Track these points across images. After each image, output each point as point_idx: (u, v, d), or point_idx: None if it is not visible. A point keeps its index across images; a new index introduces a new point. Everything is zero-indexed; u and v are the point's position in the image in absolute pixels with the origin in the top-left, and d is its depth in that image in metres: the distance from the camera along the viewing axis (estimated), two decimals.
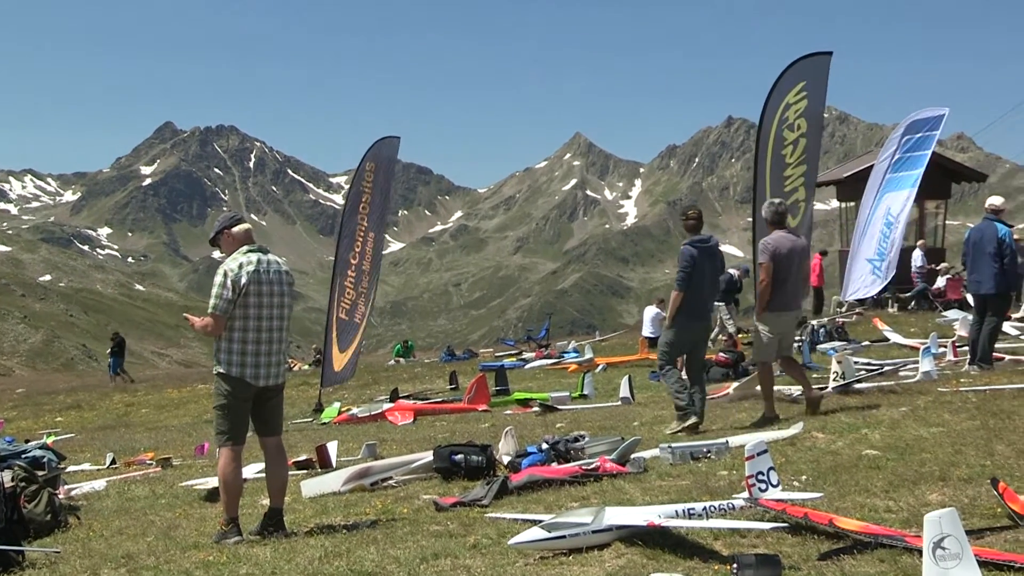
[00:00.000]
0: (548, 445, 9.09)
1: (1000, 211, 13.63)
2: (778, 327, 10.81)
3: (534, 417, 14.26)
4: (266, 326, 7.25)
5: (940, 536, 4.38)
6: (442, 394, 19.57)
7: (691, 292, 10.61)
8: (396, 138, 20.56)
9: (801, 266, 10.89)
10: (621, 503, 6.92)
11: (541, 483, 8.00)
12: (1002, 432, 8.16)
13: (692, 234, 10.86)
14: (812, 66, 17.25)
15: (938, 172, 27.68)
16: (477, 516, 7.08)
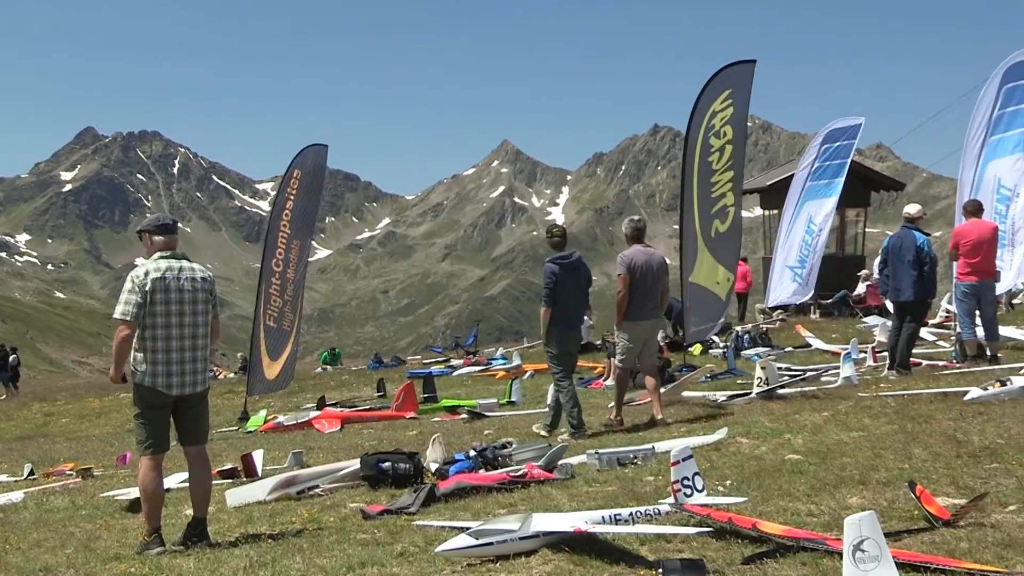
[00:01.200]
0: (476, 452, 9.10)
1: (917, 219, 13.92)
2: (636, 335, 11.51)
3: (462, 424, 14.26)
4: (177, 334, 7.14)
5: (860, 539, 4.46)
6: (369, 402, 19.50)
7: (558, 306, 11.18)
8: (324, 146, 20.43)
9: (658, 279, 11.47)
10: (548, 509, 6.94)
11: (469, 490, 7.99)
12: (919, 436, 8.33)
13: (557, 251, 11.42)
14: (737, 74, 17.49)
15: (858, 181, 28.24)
16: (404, 524, 7.06)
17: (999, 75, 16.13)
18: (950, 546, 5.33)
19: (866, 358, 15.55)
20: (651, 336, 11.93)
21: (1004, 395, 9.69)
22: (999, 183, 15.99)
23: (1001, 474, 6.78)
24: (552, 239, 11.60)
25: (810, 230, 22.30)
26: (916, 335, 14.40)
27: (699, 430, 10.22)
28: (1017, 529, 5.52)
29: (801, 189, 22.61)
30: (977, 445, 7.72)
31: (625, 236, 11.80)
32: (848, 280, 27.13)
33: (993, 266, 14.09)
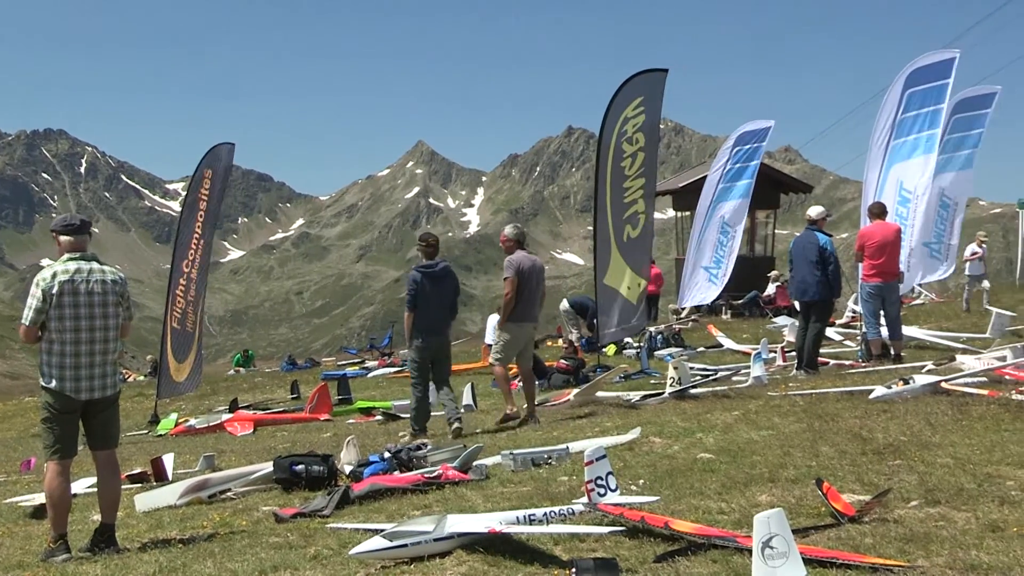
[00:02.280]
0: (390, 454, 9.06)
1: (819, 221, 14.20)
2: (518, 336, 12.10)
3: (377, 426, 14.21)
4: (86, 338, 7.00)
5: (768, 536, 4.53)
6: (283, 404, 19.31)
7: (420, 312, 11.83)
8: (231, 144, 20.19)
9: (539, 283, 12.13)
10: (463, 510, 6.94)
11: (383, 492, 7.97)
12: (826, 434, 8.49)
13: (427, 259, 12.07)
14: (648, 82, 17.70)
15: (767, 183, 28.76)
16: (318, 527, 7.01)
17: (902, 80, 16.56)
18: (855, 541, 5.44)
19: (776, 358, 15.81)
20: (530, 338, 12.63)
21: (907, 393, 9.93)
22: (901, 186, 16.40)
23: (904, 470, 6.95)
24: (425, 248, 12.20)
25: (724, 231, 22.62)
26: (822, 335, 14.69)
27: (613, 430, 10.29)
28: (919, 524, 5.66)
29: (714, 191, 22.94)
30: (881, 442, 7.90)
31: (509, 241, 12.32)
32: (758, 281, 27.57)
33: (897, 267, 14.43)
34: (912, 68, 16.61)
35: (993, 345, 14.21)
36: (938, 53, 16.81)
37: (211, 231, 19.69)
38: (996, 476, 6.58)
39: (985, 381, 10.44)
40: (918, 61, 16.73)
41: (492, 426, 12.12)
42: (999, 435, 7.79)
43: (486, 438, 10.94)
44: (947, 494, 6.22)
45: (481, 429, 12.03)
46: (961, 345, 15.32)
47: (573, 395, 13.53)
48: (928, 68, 16.54)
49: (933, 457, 7.25)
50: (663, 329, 22.33)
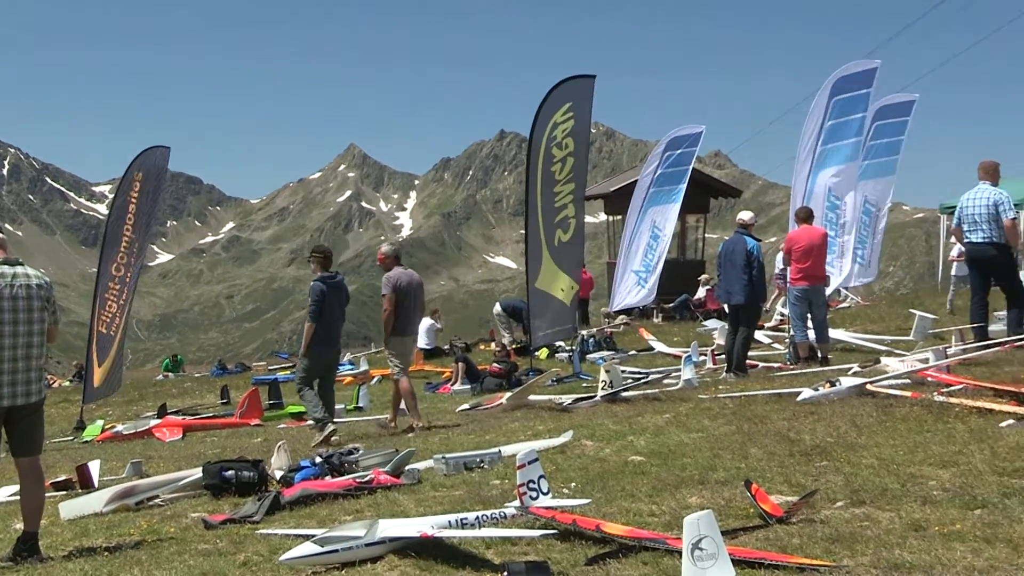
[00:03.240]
0: (322, 459, 9.01)
1: (749, 225, 14.39)
2: (403, 349, 12.59)
3: (308, 431, 14.09)
4: (9, 344, 6.85)
5: (698, 537, 4.58)
6: (213, 409, 19.09)
7: (321, 323, 12.10)
8: (166, 148, 19.94)
9: (417, 298, 12.63)
10: (395, 515, 6.92)
11: (314, 497, 7.92)
12: (755, 436, 8.60)
13: (322, 270, 12.36)
14: (577, 87, 17.84)
15: (698, 187, 29.03)
16: (248, 533, 6.95)
17: (828, 88, 16.88)
18: (783, 542, 5.52)
19: (706, 361, 15.97)
20: (411, 348, 13.20)
21: (833, 395, 10.08)
22: (829, 191, 16.69)
23: (830, 471, 7.06)
24: (317, 258, 12.59)
25: (655, 235, 22.80)
26: (751, 338, 14.87)
27: (545, 433, 10.33)
28: (844, 524, 5.75)
29: (645, 195, 23.11)
30: (808, 444, 8.02)
31: (386, 258, 12.67)
32: (689, 284, 27.80)
33: (823, 271, 14.66)
34: (837, 77, 16.94)
35: (916, 348, 14.48)
36: (861, 63, 17.18)
37: (144, 234, 19.43)
38: (919, 476, 6.71)
39: (908, 383, 10.62)
40: (842, 70, 17.06)
41: (423, 430, 12.10)
42: (922, 436, 7.94)
43: (418, 442, 10.92)
44: (872, 494, 6.33)
45: (413, 433, 11.99)
46: (885, 348, 15.58)
47: (506, 399, 13.56)
48: (852, 77, 16.89)
49: (858, 458, 7.37)
50: (595, 333, 22.44)
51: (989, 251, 13.02)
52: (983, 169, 13.35)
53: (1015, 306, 13.26)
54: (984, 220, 12.94)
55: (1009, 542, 5.18)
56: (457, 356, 19.51)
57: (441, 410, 14.62)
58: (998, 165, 13.44)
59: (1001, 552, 5.06)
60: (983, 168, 13.36)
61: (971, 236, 13.17)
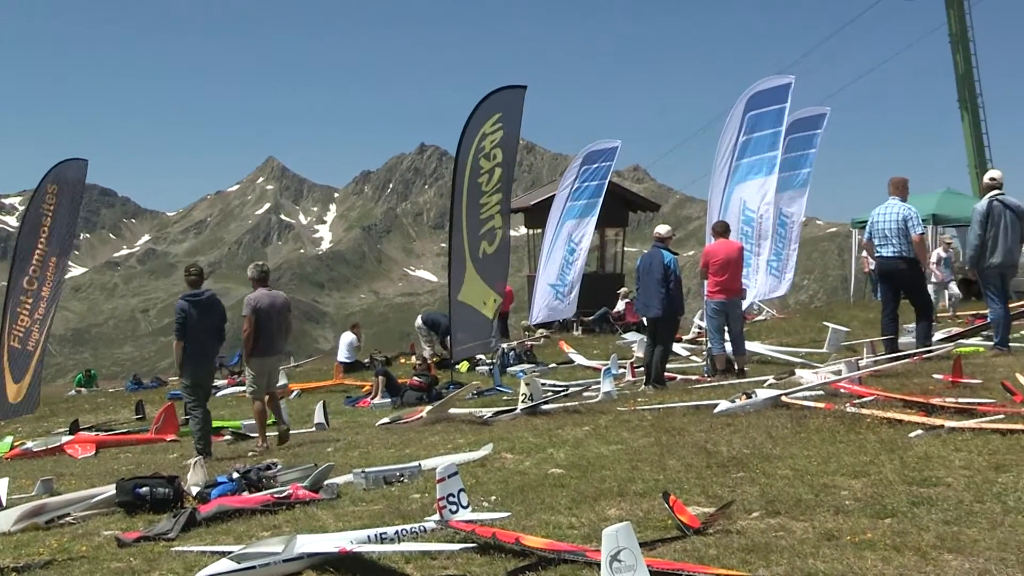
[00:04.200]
0: (239, 474, 8.90)
1: (666, 239, 14.56)
2: (263, 369, 12.80)
3: (225, 446, 13.92)
4: None
5: (616, 549, 4.61)
6: (127, 424, 18.72)
7: (190, 340, 12.32)
8: (83, 161, 19.53)
9: (281, 318, 12.88)
10: (313, 530, 6.87)
11: (231, 513, 7.82)
12: (673, 448, 8.69)
13: (193, 288, 12.57)
14: (507, 98, 17.88)
15: (616, 201, 29.30)
16: (163, 550, 6.84)
17: (743, 103, 17.15)
18: (700, 553, 5.58)
19: (625, 373, 16.08)
20: (274, 368, 13.33)
21: (750, 407, 10.23)
22: (745, 205, 16.94)
23: (747, 482, 7.16)
24: (189, 277, 12.80)
25: (571, 249, 22.93)
26: (669, 351, 15.03)
27: (465, 447, 10.33)
28: (760, 534, 5.84)
29: (562, 209, 23.24)
30: (725, 455, 8.13)
31: (251, 279, 13.04)
32: (608, 297, 28.00)
33: (739, 284, 14.87)
34: (752, 92, 17.22)
35: (829, 360, 14.74)
36: (775, 79, 17.48)
37: (60, 248, 19.01)
38: (832, 486, 6.84)
39: (822, 395, 10.82)
40: (757, 85, 17.35)
41: (343, 444, 12.02)
42: (835, 446, 8.09)
43: (337, 456, 10.84)
44: (786, 505, 6.43)
45: (333, 447, 11.91)
46: (800, 360, 15.84)
47: (426, 412, 13.52)
48: (766, 92, 17.17)
49: (774, 469, 7.49)
50: (515, 346, 22.47)
51: (899, 265, 13.35)
52: (893, 185, 13.69)
53: (923, 318, 13.62)
54: (894, 235, 13.26)
55: (917, 550, 5.30)
56: (377, 370, 19.40)
57: (361, 424, 14.54)
58: (907, 181, 13.80)
59: (910, 560, 5.18)
60: (893, 184, 13.70)
61: (881, 250, 13.49)
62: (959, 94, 44.67)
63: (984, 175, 14.59)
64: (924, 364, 12.40)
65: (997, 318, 13.45)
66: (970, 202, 26.19)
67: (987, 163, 41.12)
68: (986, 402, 9.52)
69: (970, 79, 44.14)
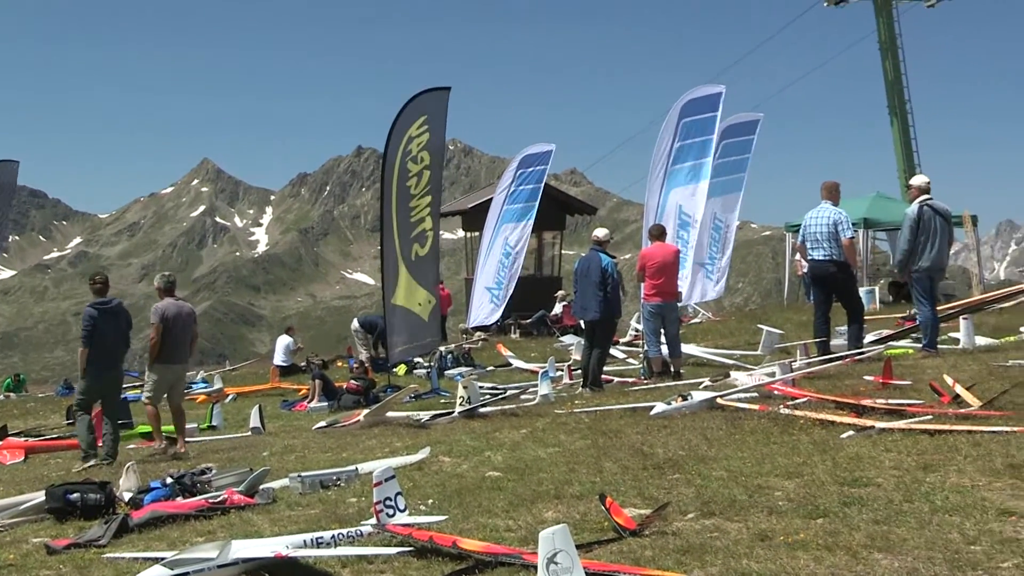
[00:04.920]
0: (173, 479, 8.80)
1: (604, 243, 14.64)
2: (166, 377, 12.93)
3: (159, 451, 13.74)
4: None
5: (553, 552, 4.62)
6: (58, 430, 18.40)
7: (96, 348, 12.40)
8: (14, 163, 19.20)
9: (187, 327, 13.05)
10: (249, 535, 6.81)
11: (165, 519, 7.73)
12: (610, 450, 8.74)
13: (98, 296, 12.69)
14: (432, 100, 17.87)
15: (554, 204, 29.43)
16: (94, 557, 6.73)
17: (677, 109, 17.34)
18: (636, 554, 5.62)
19: (562, 376, 16.14)
20: (180, 378, 13.47)
21: (686, 409, 10.31)
22: (680, 209, 17.12)
23: (682, 484, 7.23)
24: (95, 285, 12.89)
25: (507, 252, 23.00)
26: (606, 353, 15.11)
27: (403, 450, 10.30)
28: (695, 535, 5.90)
29: (499, 212, 23.30)
30: (661, 457, 8.19)
31: (158, 289, 13.17)
32: (546, 300, 28.09)
33: (676, 287, 15.00)
34: (686, 99, 17.44)
35: (764, 362, 14.92)
36: (707, 87, 17.75)
37: None
38: (765, 487, 6.92)
39: (756, 396, 10.94)
40: (690, 93, 17.59)
41: (279, 448, 11.94)
42: (768, 448, 8.19)
43: (273, 460, 10.76)
44: (721, 506, 6.50)
45: (269, 451, 11.81)
46: (735, 362, 16.01)
47: (363, 416, 13.45)
48: (699, 100, 17.42)
49: (709, 470, 7.56)
50: (453, 348, 22.47)
51: (830, 268, 13.56)
52: (825, 189, 13.90)
53: (854, 321, 13.84)
54: (825, 239, 13.46)
55: (848, 549, 5.39)
56: (314, 373, 19.29)
57: (297, 428, 14.44)
58: (838, 185, 14.02)
59: (841, 559, 5.26)
60: (825, 188, 13.91)
61: (813, 254, 13.69)
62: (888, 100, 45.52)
63: (912, 179, 14.86)
64: (855, 366, 12.59)
65: (926, 321, 13.69)
66: (900, 206, 26.70)
67: (916, 168, 41.95)
68: (915, 403, 9.70)
69: (899, 85, 44.97)
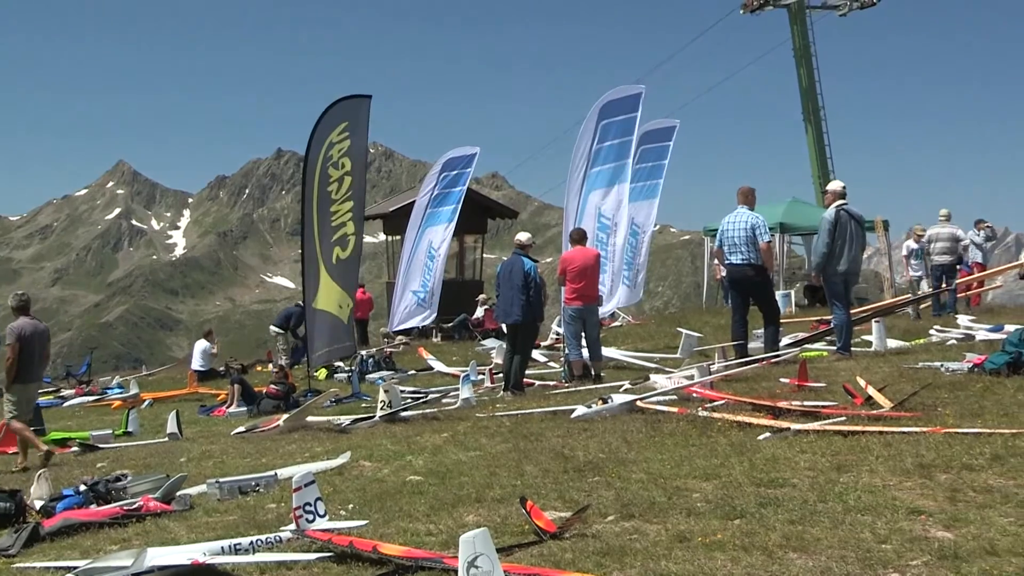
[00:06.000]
0: (87, 487, 8.65)
1: (526, 246, 14.70)
2: (26, 395, 13.08)
3: (73, 457, 13.47)
4: None
5: (474, 555, 4.62)
6: None
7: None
8: None
9: (43, 346, 13.23)
10: (165, 543, 6.72)
11: (78, 527, 7.59)
12: (531, 453, 8.77)
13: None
14: (353, 107, 17.83)
15: (475, 208, 29.46)
16: (3, 567, 6.61)
17: (596, 112, 17.45)
18: (556, 557, 5.64)
19: (484, 380, 16.15)
20: (34, 396, 13.79)
21: (606, 412, 10.38)
22: (600, 212, 17.23)
23: (602, 487, 7.27)
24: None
25: (431, 255, 22.98)
26: (528, 357, 15.16)
27: (323, 455, 10.23)
28: (615, 538, 5.94)
29: (422, 216, 23.27)
30: (582, 460, 8.23)
31: (13, 309, 13.17)
32: (467, 304, 28.09)
33: (596, 291, 15.08)
34: (605, 101, 17.54)
35: (683, 365, 15.08)
36: (626, 88, 17.85)
37: None
38: (684, 489, 6.99)
39: (675, 399, 11.05)
40: (610, 95, 17.68)
41: (196, 454, 11.78)
42: (687, 450, 8.28)
43: (191, 466, 10.62)
44: (641, 508, 6.55)
45: (186, 457, 11.65)
46: (655, 365, 16.15)
47: (283, 420, 13.33)
48: (619, 102, 17.52)
49: (629, 473, 7.61)
50: (374, 352, 22.37)
51: (747, 272, 13.75)
52: (741, 194, 14.11)
53: (771, 324, 14.05)
54: (743, 243, 13.66)
55: (764, 550, 5.47)
56: (232, 378, 19.07)
57: (216, 433, 14.26)
58: (754, 190, 14.25)
59: (757, 560, 5.34)
60: (741, 193, 14.12)
61: (731, 258, 13.87)
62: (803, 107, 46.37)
63: (827, 185, 15.13)
64: (772, 368, 12.77)
65: (840, 324, 13.94)
66: (815, 211, 27.20)
67: (830, 173, 42.78)
68: (829, 405, 9.87)
69: (813, 92, 45.83)
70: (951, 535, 5.56)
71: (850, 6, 46.36)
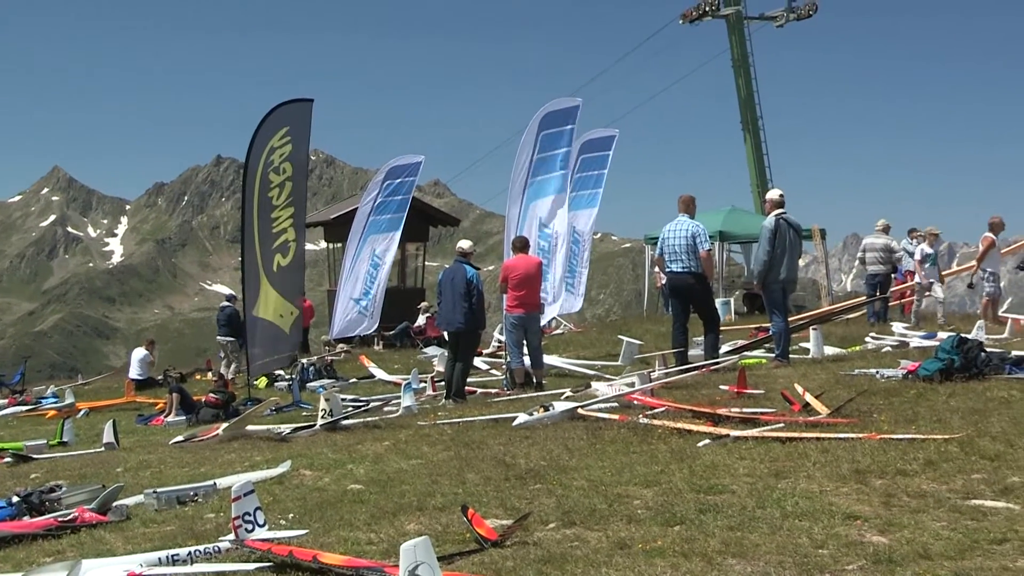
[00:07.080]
0: (19, 498, 8.50)
1: (468, 254, 14.74)
2: None
3: (5, 468, 13.25)
4: None
5: (415, 564, 4.62)
6: None
7: None
8: None
9: None
10: (100, 554, 6.63)
11: (10, 539, 7.46)
12: (473, 461, 8.77)
13: None
14: (295, 112, 17.76)
15: (417, 216, 29.38)
16: None
17: (536, 122, 17.56)
18: (497, 565, 5.65)
19: (426, 387, 16.13)
20: None
21: (547, 419, 10.40)
22: (541, 221, 17.30)
23: (544, 494, 7.29)
24: None
25: (375, 263, 22.88)
26: (470, 365, 15.16)
27: (263, 464, 10.15)
28: (556, 545, 5.96)
29: (365, 223, 23.16)
30: (523, 468, 8.25)
31: None
32: (409, 312, 28.04)
33: (538, 299, 15.13)
34: (544, 112, 17.68)
35: (624, 372, 15.16)
36: (564, 101, 18.02)
37: None
38: (625, 496, 7.03)
39: (616, 406, 11.10)
40: (549, 106, 17.82)
41: (134, 464, 11.62)
42: (628, 457, 8.33)
43: (128, 476, 10.48)
44: (582, 515, 6.58)
45: (123, 467, 11.49)
46: (596, 372, 16.22)
47: (222, 429, 13.19)
48: (557, 113, 17.67)
49: (570, 480, 7.64)
50: (315, 361, 22.24)
51: (688, 280, 13.88)
52: (682, 202, 14.24)
53: (711, 331, 14.19)
54: (683, 251, 13.78)
55: (704, 556, 5.52)
56: (171, 387, 18.87)
57: (153, 443, 14.08)
58: (695, 199, 14.39)
59: (697, 565, 5.39)
60: (682, 201, 14.25)
61: (672, 266, 13.99)
62: (742, 116, 46.92)
63: (766, 194, 15.32)
64: (712, 375, 12.89)
65: (779, 331, 14.10)
66: (754, 219, 27.49)
67: (768, 182, 43.30)
68: (768, 411, 9.97)
69: (751, 102, 46.39)
70: (886, 540, 5.65)
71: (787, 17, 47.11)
